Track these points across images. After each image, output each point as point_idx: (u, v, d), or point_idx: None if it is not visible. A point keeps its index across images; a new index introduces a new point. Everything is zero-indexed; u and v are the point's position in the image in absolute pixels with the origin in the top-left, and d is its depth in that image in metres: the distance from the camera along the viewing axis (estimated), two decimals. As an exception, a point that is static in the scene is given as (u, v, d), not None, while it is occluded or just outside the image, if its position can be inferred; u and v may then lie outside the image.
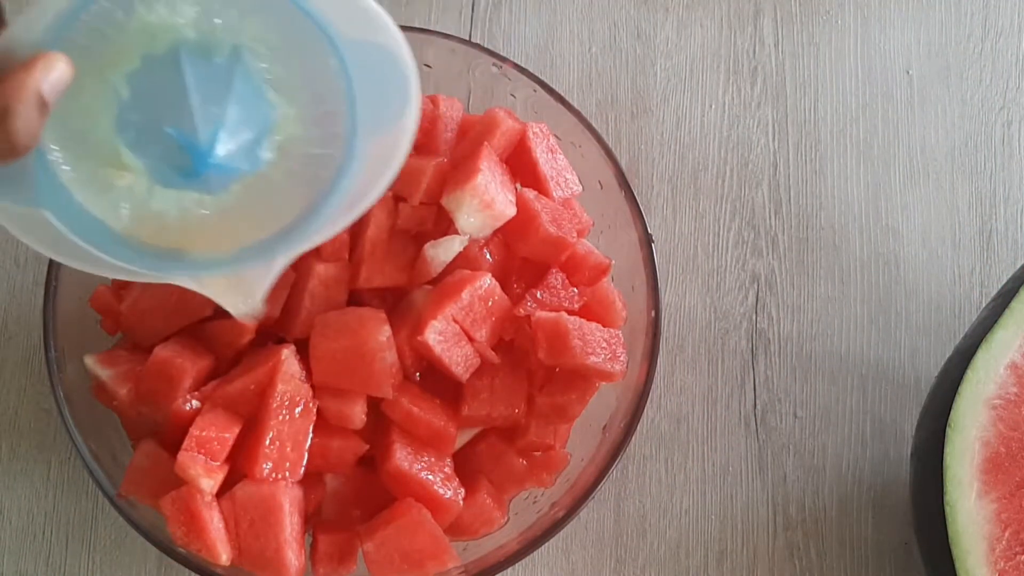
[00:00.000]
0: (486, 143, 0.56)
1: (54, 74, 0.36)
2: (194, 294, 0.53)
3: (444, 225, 0.56)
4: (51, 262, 0.55)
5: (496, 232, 0.56)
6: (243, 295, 0.45)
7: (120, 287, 0.58)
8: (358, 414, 0.53)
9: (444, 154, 0.58)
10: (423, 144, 0.59)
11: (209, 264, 0.43)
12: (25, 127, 0.36)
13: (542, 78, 0.60)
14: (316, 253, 0.54)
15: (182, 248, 0.43)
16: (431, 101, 0.60)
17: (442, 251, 0.55)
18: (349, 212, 0.43)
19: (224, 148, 0.40)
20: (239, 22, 0.40)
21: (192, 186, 0.41)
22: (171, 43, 0.40)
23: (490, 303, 0.54)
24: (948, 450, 0.54)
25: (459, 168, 0.55)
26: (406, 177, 0.56)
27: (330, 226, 0.43)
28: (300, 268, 0.55)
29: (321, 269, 0.54)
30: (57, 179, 0.40)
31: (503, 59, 0.60)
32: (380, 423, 0.55)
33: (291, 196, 0.43)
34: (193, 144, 0.39)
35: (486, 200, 0.54)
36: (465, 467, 0.57)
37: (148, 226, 0.42)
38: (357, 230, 0.56)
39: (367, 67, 0.41)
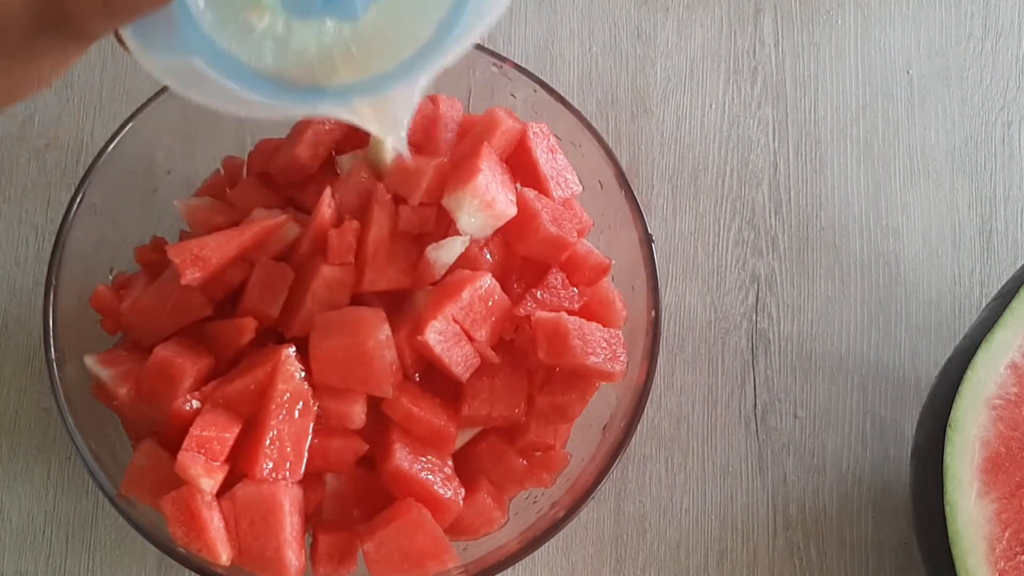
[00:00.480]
0: (486, 143, 0.56)
1: None
2: (193, 294, 0.54)
3: (445, 226, 0.56)
4: (51, 262, 0.55)
5: (496, 232, 0.56)
6: (391, 121, 0.45)
7: (120, 286, 0.58)
8: (358, 414, 0.53)
9: (444, 154, 0.58)
10: (423, 144, 0.59)
11: (354, 90, 0.43)
12: None
13: (542, 78, 0.60)
14: (323, 254, 0.55)
15: (327, 82, 0.43)
16: (431, 101, 0.60)
17: (444, 253, 0.55)
18: (477, 25, 0.42)
19: None
20: None
21: (327, 12, 0.41)
22: None
23: (490, 303, 0.54)
24: (948, 450, 0.54)
25: (459, 168, 0.55)
26: (406, 177, 0.56)
27: (465, 37, 0.42)
28: (304, 268, 0.55)
29: (327, 271, 0.54)
30: (200, 28, 0.40)
31: (503, 59, 0.60)
32: (380, 423, 0.55)
33: (425, 13, 0.42)
34: None
35: (487, 200, 0.54)
36: (465, 467, 0.57)
37: (291, 64, 0.42)
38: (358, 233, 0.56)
39: None
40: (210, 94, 0.41)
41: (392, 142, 0.45)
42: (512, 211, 0.55)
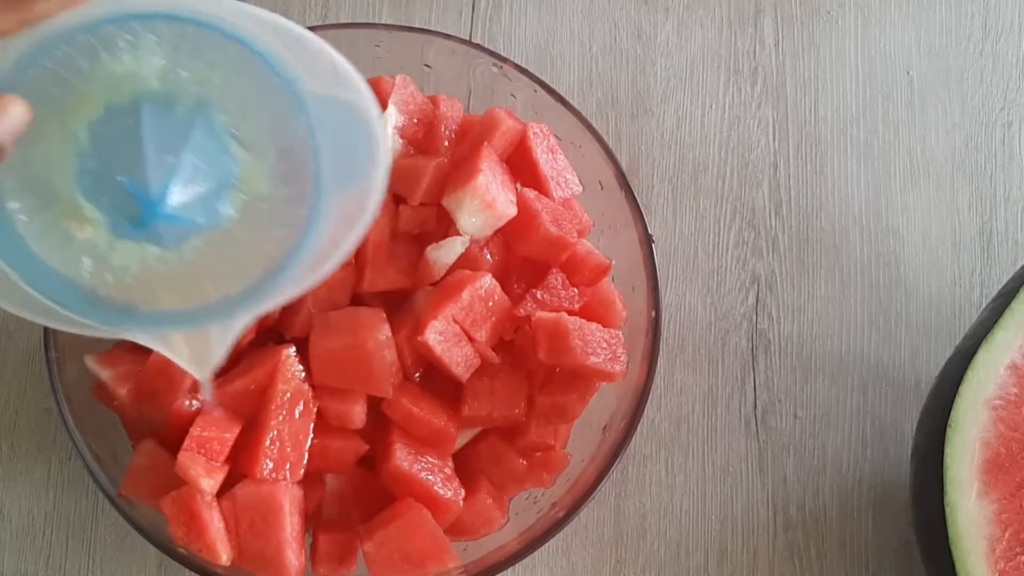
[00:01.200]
0: (486, 143, 0.56)
1: (9, 118, 0.35)
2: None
3: (445, 226, 0.56)
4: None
5: (496, 232, 0.56)
6: (204, 354, 0.44)
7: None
8: (358, 414, 0.53)
9: (444, 154, 0.58)
10: (423, 144, 0.59)
11: (169, 319, 0.42)
12: None
13: (542, 78, 0.60)
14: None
15: (143, 303, 0.42)
16: (431, 101, 0.60)
17: (444, 253, 0.55)
18: (314, 272, 0.42)
19: (177, 199, 0.39)
20: (206, 74, 0.39)
21: (147, 238, 0.40)
22: (135, 93, 0.39)
23: (490, 303, 0.54)
24: (948, 450, 0.54)
25: (459, 168, 0.55)
26: (406, 177, 0.56)
27: (294, 286, 0.42)
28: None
29: (326, 271, 0.54)
30: (14, 229, 0.40)
31: (503, 59, 0.60)
32: (380, 423, 0.55)
33: (256, 253, 0.42)
34: (143, 193, 0.39)
35: (487, 200, 0.54)
36: (465, 467, 0.57)
37: (109, 280, 0.41)
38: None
39: (335, 124, 0.41)
40: (13, 300, 0.40)
41: (198, 375, 0.45)
42: (512, 211, 0.55)
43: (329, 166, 0.41)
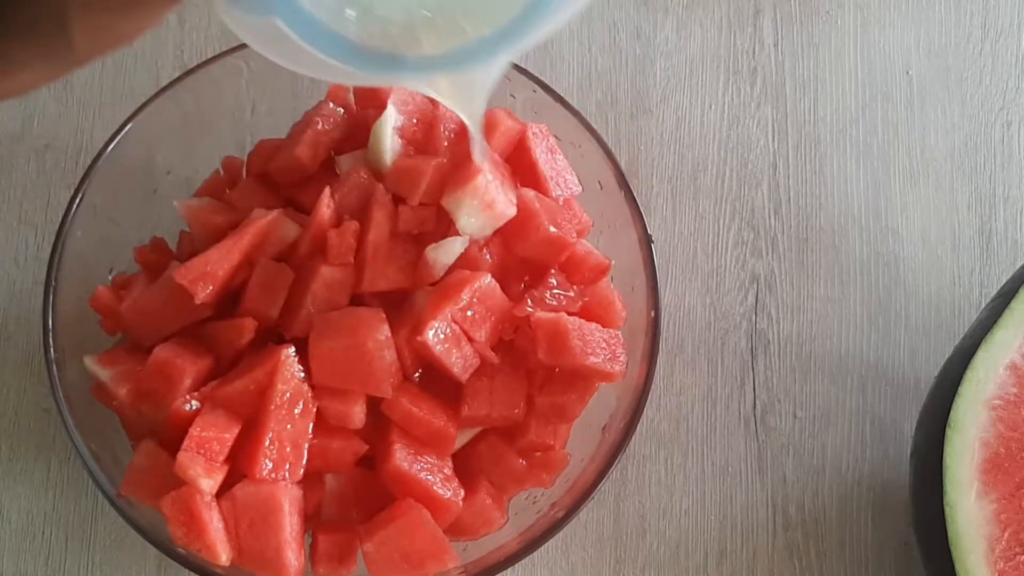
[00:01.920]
0: (486, 143, 0.56)
1: None
2: (190, 296, 0.53)
3: (444, 226, 0.56)
4: (51, 262, 0.55)
5: (496, 232, 0.56)
6: (468, 97, 0.44)
7: (120, 287, 0.58)
8: (358, 414, 0.53)
9: (444, 154, 0.58)
10: (423, 145, 0.59)
11: (434, 64, 0.42)
12: None
13: (542, 78, 0.60)
14: (322, 255, 0.55)
15: (407, 51, 0.41)
16: (431, 101, 0.60)
17: (443, 253, 0.55)
18: (568, 6, 0.41)
19: None
20: None
21: None
22: None
23: (490, 303, 0.54)
24: (948, 450, 0.54)
25: (459, 169, 0.55)
26: (406, 178, 0.56)
27: (552, 20, 0.41)
28: (304, 269, 0.55)
29: (326, 272, 0.54)
30: None
31: (503, 59, 0.60)
32: (380, 423, 0.55)
33: None
34: None
35: (487, 200, 0.54)
36: (465, 467, 0.57)
37: (374, 31, 0.41)
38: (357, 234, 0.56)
39: None
40: (289, 56, 0.40)
41: (466, 117, 0.44)
42: (512, 211, 0.55)
43: None
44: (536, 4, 0.41)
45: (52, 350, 0.54)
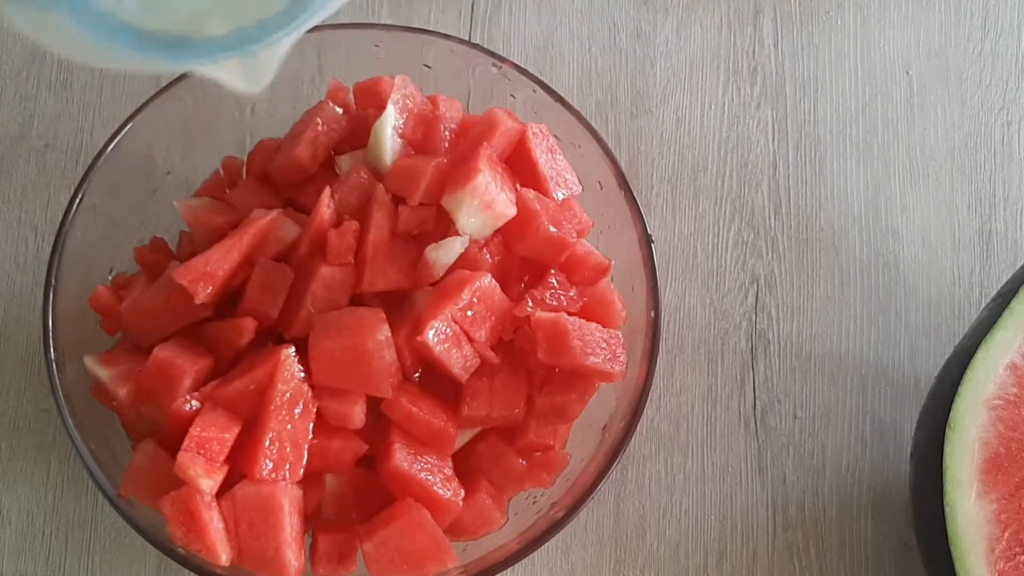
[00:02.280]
0: (486, 143, 0.56)
1: None
2: (190, 296, 0.53)
3: (444, 226, 0.56)
4: (51, 262, 0.55)
5: (496, 232, 0.56)
6: (256, 76, 0.43)
7: (120, 287, 0.58)
8: (358, 414, 0.53)
9: (444, 154, 0.58)
10: (422, 145, 0.59)
11: (218, 47, 0.41)
12: None
13: (542, 78, 0.60)
14: (322, 255, 0.55)
15: (192, 33, 0.41)
16: (431, 101, 0.60)
17: (443, 253, 0.55)
18: None
19: None
20: None
21: None
22: None
23: (490, 303, 0.54)
24: (948, 450, 0.54)
25: (459, 169, 0.55)
26: (406, 177, 0.56)
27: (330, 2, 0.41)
28: (303, 269, 0.55)
29: (326, 272, 0.54)
30: None
31: (503, 59, 0.60)
32: (380, 423, 0.55)
33: None
34: None
35: (486, 200, 0.54)
36: (465, 467, 0.57)
37: (157, 14, 0.40)
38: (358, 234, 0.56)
39: None
40: (73, 47, 0.39)
41: (250, 92, 0.44)
42: (512, 211, 0.55)
43: None
44: None
45: (52, 350, 0.54)
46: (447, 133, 0.59)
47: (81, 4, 0.39)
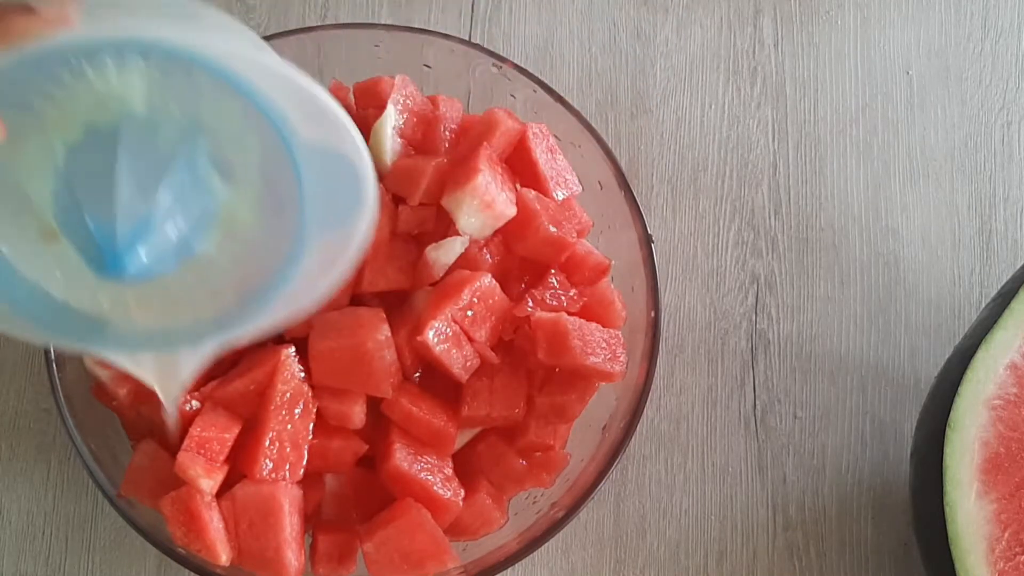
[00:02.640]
0: (486, 143, 0.56)
1: None
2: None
3: (444, 226, 0.56)
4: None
5: (496, 232, 0.56)
6: (171, 378, 0.43)
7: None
8: (358, 414, 0.53)
9: (444, 154, 0.58)
10: (422, 145, 0.59)
11: (139, 341, 0.41)
12: None
13: (542, 78, 0.60)
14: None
15: (114, 318, 0.40)
16: (431, 101, 0.60)
17: (443, 253, 0.55)
18: (288, 306, 0.41)
19: (146, 251, 0.37)
20: (193, 104, 0.37)
21: (113, 276, 0.38)
22: (117, 115, 0.37)
23: (490, 303, 0.54)
24: (948, 450, 0.54)
25: (459, 169, 0.55)
26: (406, 178, 0.56)
27: (268, 317, 0.41)
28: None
29: (325, 271, 0.54)
30: None
31: (503, 59, 0.60)
32: (380, 423, 0.55)
33: (233, 281, 0.41)
34: (109, 242, 0.36)
35: (486, 200, 0.54)
36: (465, 467, 0.57)
37: (81, 292, 0.39)
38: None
39: (324, 165, 0.39)
40: None
41: (164, 399, 0.44)
42: (511, 211, 0.55)
43: (315, 206, 0.39)
44: (253, 300, 0.40)
45: (52, 350, 0.54)
46: (447, 133, 0.59)
47: None
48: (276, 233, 0.40)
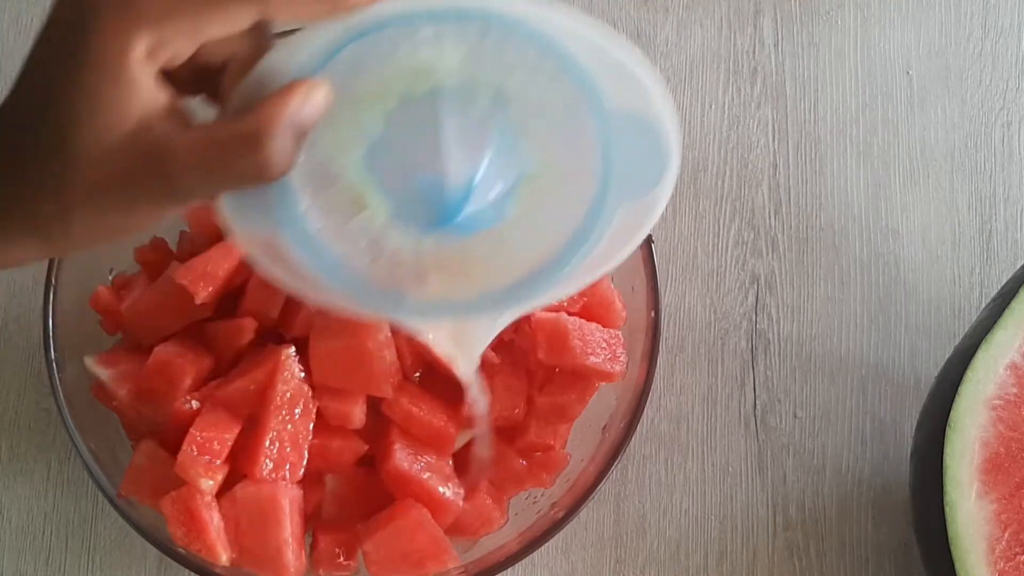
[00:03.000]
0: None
1: (313, 102, 0.35)
2: (190, 296, 0.53)
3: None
4: (51, 262, 0.55)
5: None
6: (464, 346, 0.43)
7: (120, 287, 0.58)
8: (358, 414, 0.53)
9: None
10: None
11: (435, 309, 0.41)
12: (279, 154, 0.35)
13: (542, 78, 0.60)
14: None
15: (410, 290, 0.41)
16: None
17: None
18: (585, 275, 0.41)
19: (475, 201, 0.38)
20: (504, 73, 0.38)
21: (431, 229, 0.39)
22: (431, 86, 0.38)
23: (490, 303, 0.54)
24: (948, 450, 0.54)
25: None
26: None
27: (563, 287, 0.41)
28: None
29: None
30: (296, 208, 0.39)
31: (503, 59, 0.60)
32: (380, 423, 0.55)
33: (529, 251, 0.41)
34: (444, 195, 0.38)
35: None
36: (465, 467, 0.57)
37: (380, 263, 0.40)
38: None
39: (629, 132, 0.39)
40: (287, 273, 0.39)
41: (462, 367, 0.44)
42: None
43: (617, 174, 0.40)
44: (550, 269, 0.40)
45: (52, 350, 0.54)
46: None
47: (304, 233, 0.39)
48: (574, 203, 0.40)
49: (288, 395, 0.52)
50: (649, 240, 0.58)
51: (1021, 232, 0.70)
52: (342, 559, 0.55)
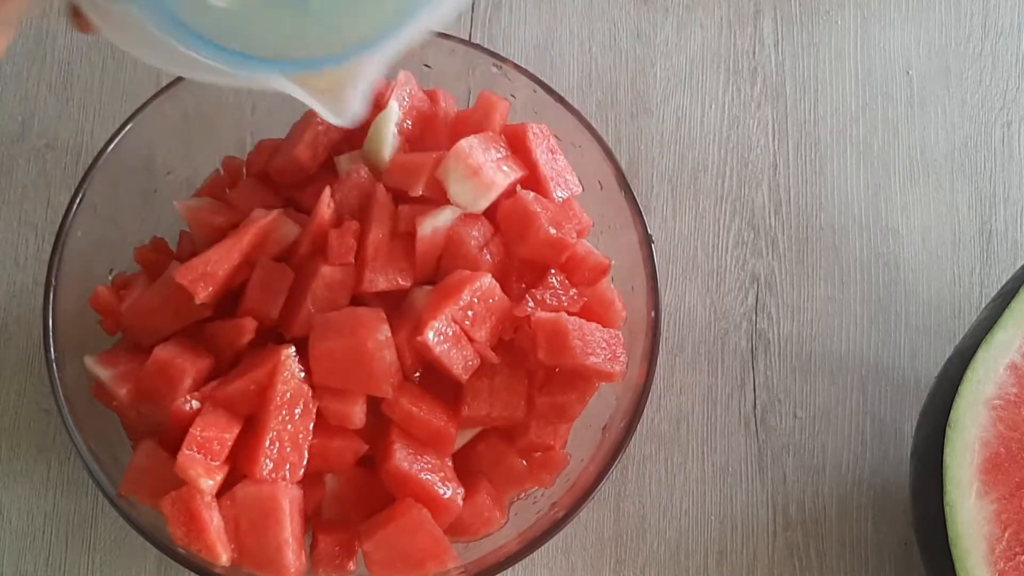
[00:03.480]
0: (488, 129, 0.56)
1: None
2: (190, 296, 0.53)
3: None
4: (51, 262, 0.55)
5: (496, 233, 0.56)
6: (340, 101, 0.42)
7: (120, 287, 0.58)
8: (358, 414, 0.53)
9: (444, 148, 0.58)
10: (418, 141, 0.59)
11: (304, 63, 0.40)
12: None
13: (542, 78, 0.60)
14: (322, 255, 0.55)
15: (280, 53, 0.39)
16: (429, 97, 0.60)
17: (433, 220, 0.55)
18: (439, 5, 0.39)
19: None
20: None
21: None
22: None
23: (490, 303, 0.54)
24: (948, 450, 0.54)
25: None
26: (407, 171, 0.56)
27: (428, 18, 0.39)
28: (304, 269, 0.55)
29: (327, 272, 0.54)
30: None
31: (503, 59, 0.60)
32: (380, 423, 0.55)
33: None
34: None
35: (471, 166, 0.54)
36: (465, 467, 0.57)
37: (238, 23, 0.38)
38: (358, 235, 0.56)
39: None
40: (152, 51, 0.38)
41: (341, 121, 0.42)
42: (503, 181, 0.55)
43: None
44: (410, 10, 0.39)
45: (52, 350, 0.54)
46: (446, 129, 0.59)
47: (161, 4, 0.37)
48: None
49: (288, 395, 0.52)
50: (649, 240, 0.58)
51: (1021, 232, 0.70)
52: (342, 559, 0.55)
